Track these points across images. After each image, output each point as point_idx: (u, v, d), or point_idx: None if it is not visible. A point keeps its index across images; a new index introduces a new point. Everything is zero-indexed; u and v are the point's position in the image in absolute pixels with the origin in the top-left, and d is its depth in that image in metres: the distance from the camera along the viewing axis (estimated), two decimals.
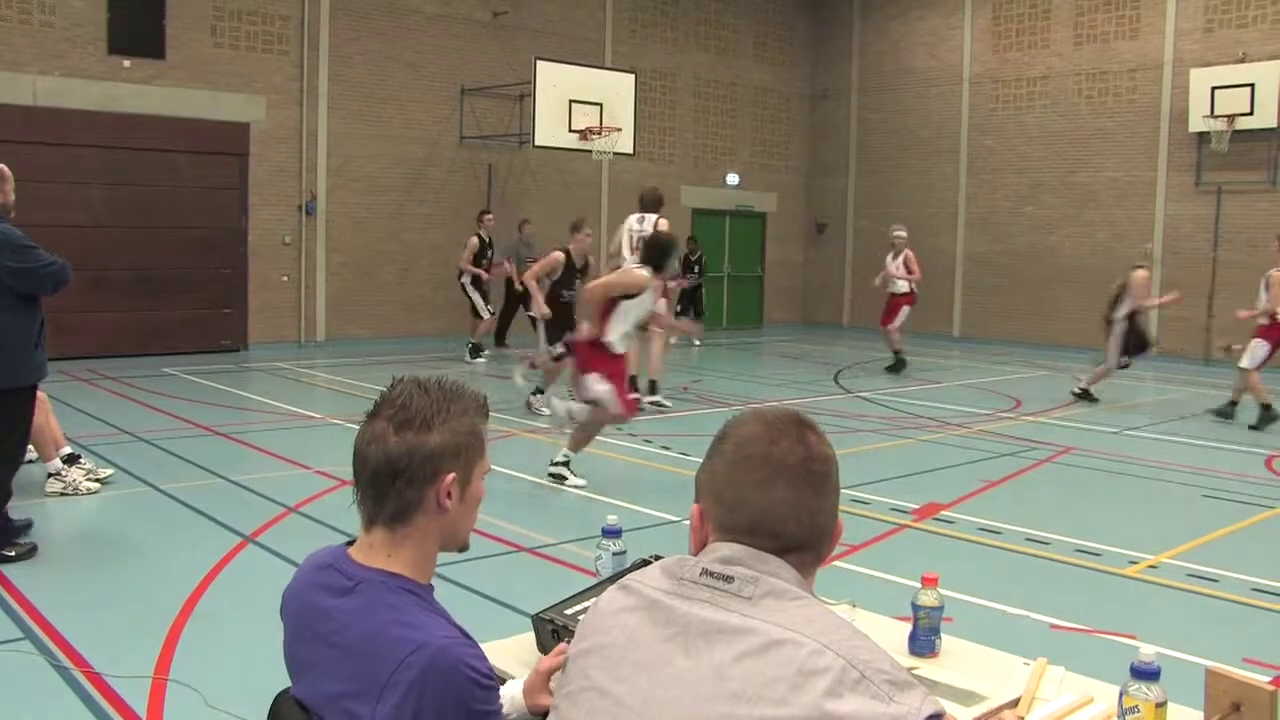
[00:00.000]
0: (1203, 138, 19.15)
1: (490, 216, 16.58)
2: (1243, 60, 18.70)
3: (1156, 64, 19.92)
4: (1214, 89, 18.74)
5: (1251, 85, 18.40)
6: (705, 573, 1.65)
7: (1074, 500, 8.64)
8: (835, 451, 1.75)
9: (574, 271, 11.94)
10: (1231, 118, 18.58)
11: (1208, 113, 18.80)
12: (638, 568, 2.38)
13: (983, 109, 22.21)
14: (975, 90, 22.33)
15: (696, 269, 19.28)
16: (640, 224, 11.95)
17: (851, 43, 24.27)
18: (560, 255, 11.73)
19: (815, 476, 1.70)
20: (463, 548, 2.11)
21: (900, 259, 16.24)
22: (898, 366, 15.98)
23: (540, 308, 11.33)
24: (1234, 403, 12.35)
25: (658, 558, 1.92)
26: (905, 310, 16.04)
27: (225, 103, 16.34)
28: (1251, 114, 18.41)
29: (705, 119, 22.86)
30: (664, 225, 11.36)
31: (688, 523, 1.81)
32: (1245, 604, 6.10)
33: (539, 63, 17.16)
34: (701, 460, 1.81)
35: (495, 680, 1.93)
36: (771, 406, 1.89)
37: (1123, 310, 13.12)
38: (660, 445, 10.13)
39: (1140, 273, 13.29)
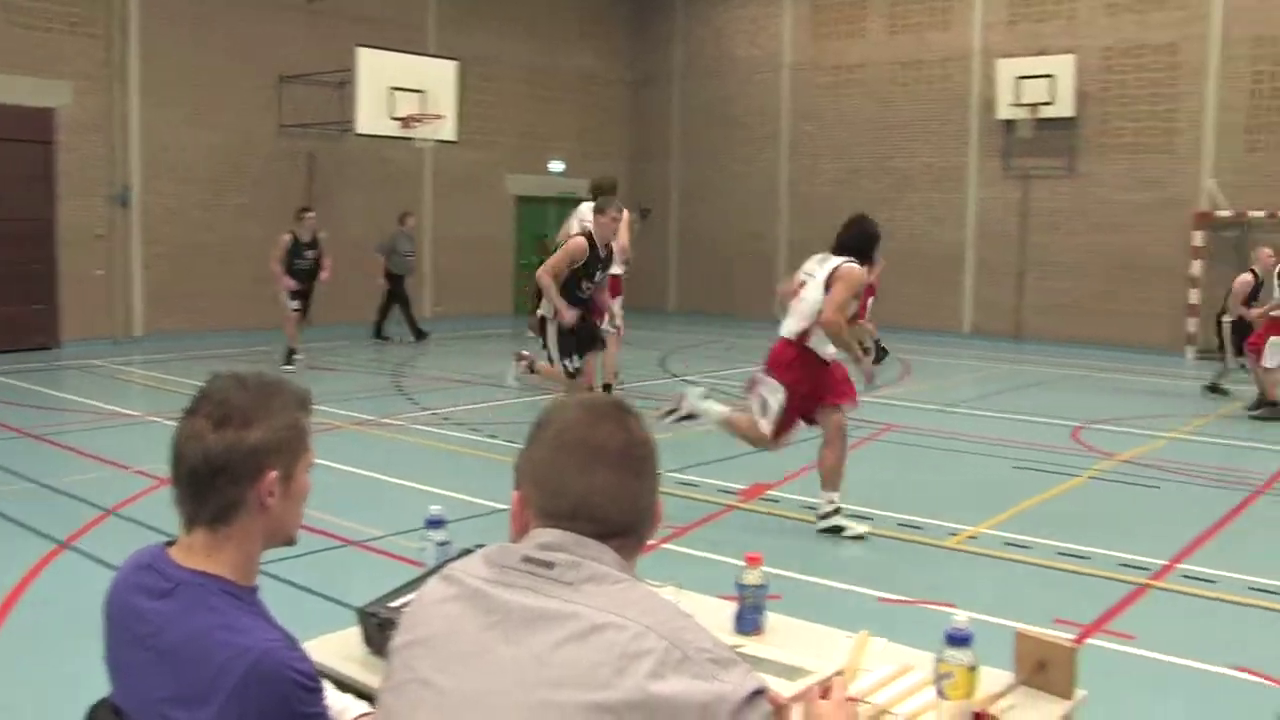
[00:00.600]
0: (1009, 125, 19.95)
1: (311, 215, 14.62)
2: (1043, 53, 19.54)
3: (966, 54, 20.66)
4: (1018, 79, 19.53)
5: (1052, 76, 19.25)
6: (526, 559, 1.64)
7: (897, 476, 8.91)
8: (656, 436, 1.78)
9: (598, 260, 9.73)
10: (1035, 106, 19.41)
11: (1013, 101, 19.61)
12: (462, 557, 2.37)
13: (803, 96, 22.68)
14: (795, 77, 22.79)
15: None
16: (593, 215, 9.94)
17: (674, 29, 24.49)
18: (583, 241, 9.57)
19: (636, 461, 1.73)
20: (289, 542, 2.07)
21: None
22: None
23: (564, 311, 9.30)
24: (1274, 402, 12.19)
25: (482, 547, 1.91)
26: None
27: (23, 86, 15.59)
28: (1052, 104, 19.28)
29: (529, 106, 22.77)
30: (626, 216, 10.74)
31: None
32: (1055, 568, 6.40)
33: (359, 49, 16.85)
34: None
35: (319, 683, 1.90)
36: (592, 394, 1.90)
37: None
38: (488, 434, 10.09)
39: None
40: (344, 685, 2.35)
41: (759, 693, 1.52)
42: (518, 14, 22.33)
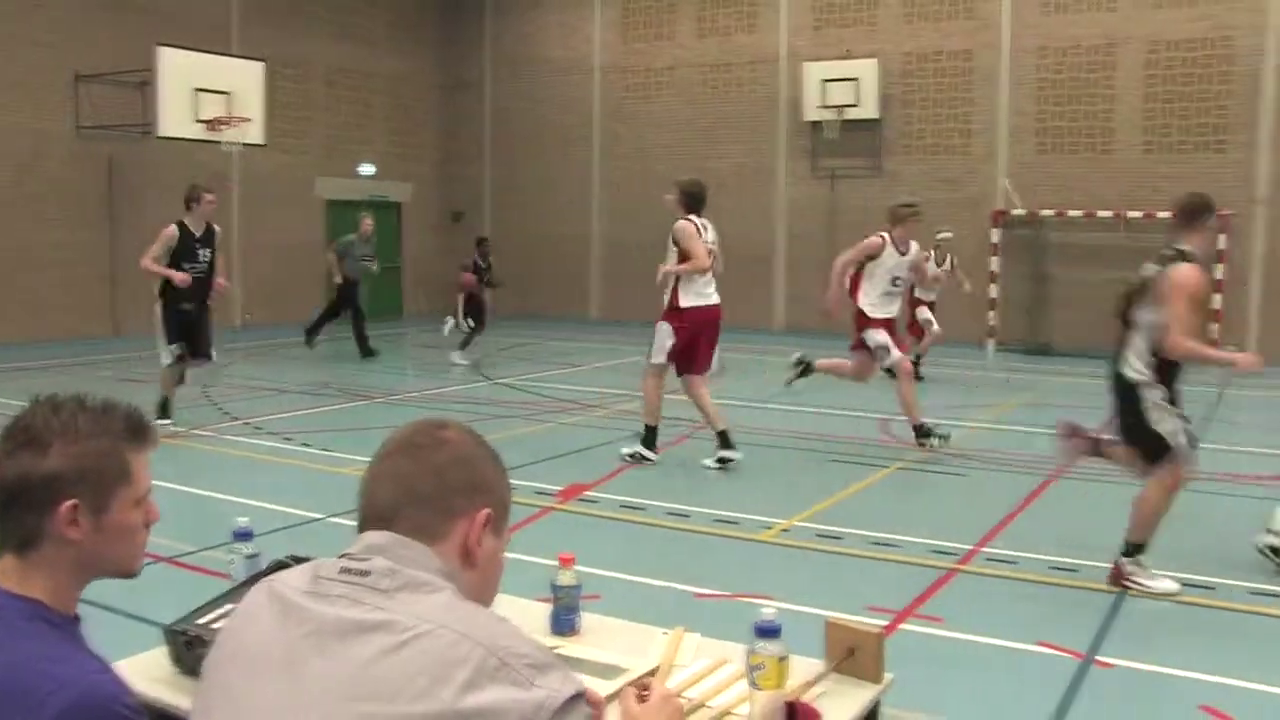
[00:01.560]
0: (816, 127, 20.47)
1: (211, 198, 10.07)
2: (847, 56, 20.11)
3: (773, 57, 21.13)
4: (824, 82, 20.06)
5: (856, 80, 19.83)
6: (344, 570, 1.62)
7: (711, 473, 9.01)
8: (476, 445, 1.81)
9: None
10: (840, 109, 19.96)
11: (820, 103, 20.13)
12: (274, 569, 2.29)
13: (614, 98, 22.83)
14: (606, 80, 22.92)
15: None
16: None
17: (484, 33, 24.34)
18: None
19: (419, 449, 1.74)
20: (124, 574, 1.94)
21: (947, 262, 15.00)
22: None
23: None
24: None
25: (296, 558, 1.85)
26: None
27: None
28: (857, 106, 19.87)
29: (339, 108, 22.34)
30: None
31: (333, 520, 1.75)
32: (867, 557, 6.56)
33: (160, 49, 16.24)
34: (343, 455, 1.77)
35: (144, 714, 1.79)
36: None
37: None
38: (301, 442, 9.83)
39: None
40: (153, 709, 2.24)
41: (578, 696, 1.52)
42: (326, 15, 21.89)
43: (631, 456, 9.03)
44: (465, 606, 1.58)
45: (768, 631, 2.28)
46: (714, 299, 8.90)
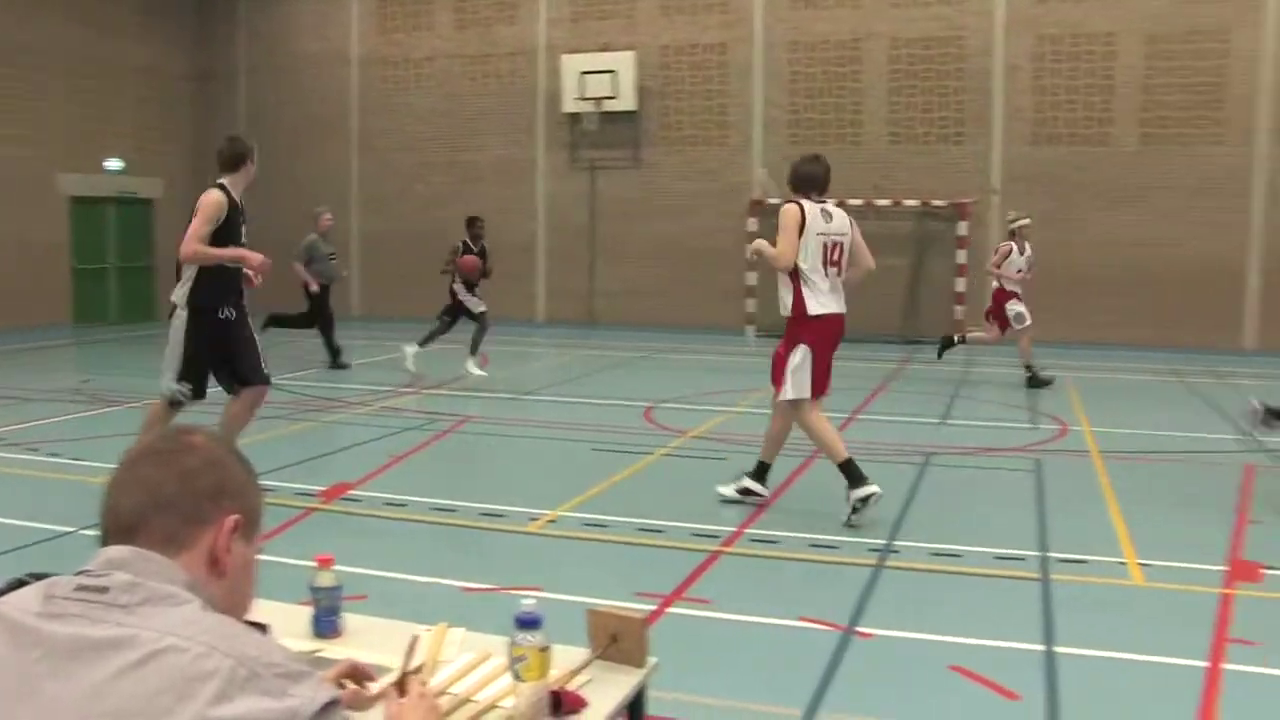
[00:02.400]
0: (575, 119, 20.58)
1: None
2: (605, 49, 20.30)
3: (532, 49, 21.13)
4: (583, 74, 20.18)
5: (614, 72, 20.03)
6: (80, 587, 1.53)
7: (477, 467, 8.95)
8: (224, 450, 1.75)
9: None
10: (599, 100, 20.12)
11: (579, 95, 20.24)
12: (12, 588, 2.14)
13: (372, 90, 22.41)
14: (364, 71, 22.48)
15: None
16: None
17: (237, 23, 23.49)
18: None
19: (165, 455, 1.67)
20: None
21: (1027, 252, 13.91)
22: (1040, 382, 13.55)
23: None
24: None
25: (35, 576, 1.74)
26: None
27: None
28: (615, 98, 20.07)
29: (83, 100, 21.13)
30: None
31: (81, 533, 1.65)
32: (635, 544, 6.63)
33: None
34: (96, 464, 1.68)
35: None
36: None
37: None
38: (49, 452, 9.28)
39: None
40: None
41: (333, 704, 1.48)
42: (67, 2, 20.67)
43: (740, 494, 7.52)
44: (213, 618, 1.52)
45: (528, 623, 2.27)
46: (836, 306, 7.29)
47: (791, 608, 5.41)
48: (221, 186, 7.38)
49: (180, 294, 7.37)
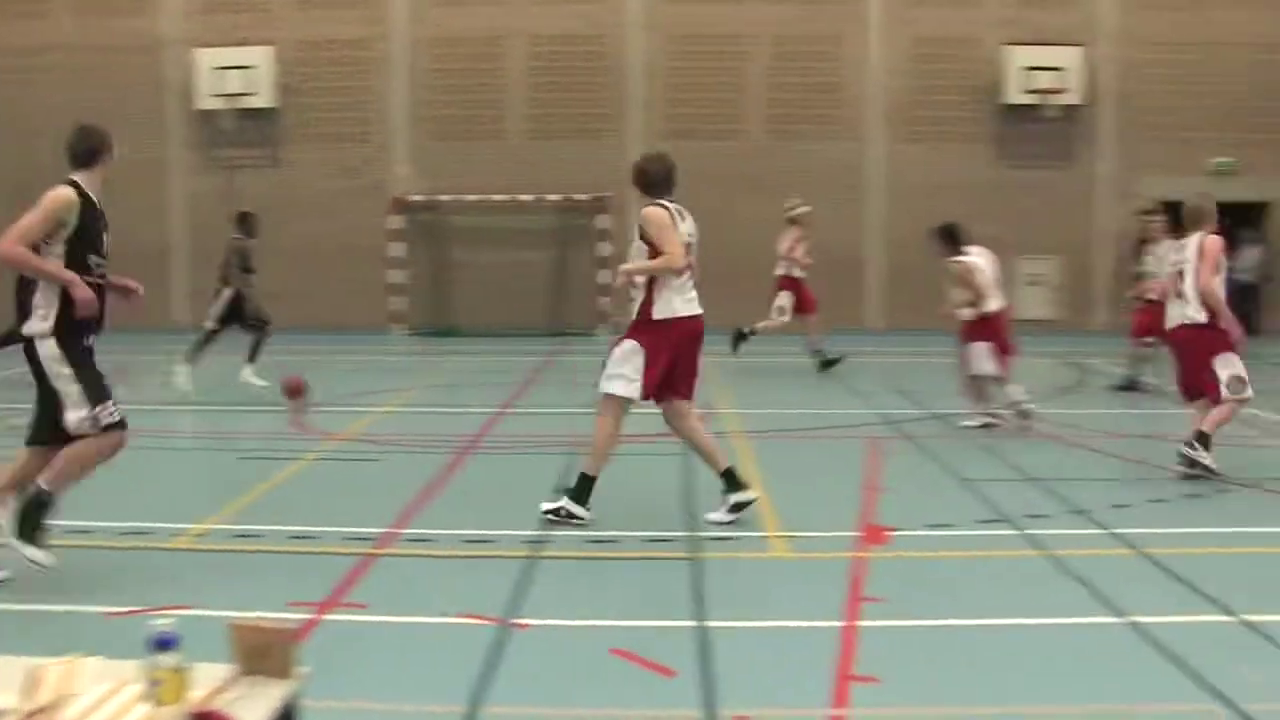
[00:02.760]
0: (211, 116, 19.71)
1: None
2: (243, 44, 19.52)
3: (162, 42, 20.05)
4: (218, 69, 19.34)
5: (252, 67, 19.32)
6: None
7: (115, 483, 8.41)
8: None
9: None
10: (236, 97, 19.36)
11: (214, 92, 19.39)
12: None
13: None
14: None
15: None
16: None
17: None
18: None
19: None
20: None
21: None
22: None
23: None
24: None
25: None
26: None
27: None
28: (253, 95, 19.36)
29: None
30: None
31: None
32: (287, 552, 6.44)
33: None
34: None
35: None
36: None
37: None
38: None
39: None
40: None
41: None
42: None
43: (556, 514, 6.92)
44: None
45: (164, 644, 2.18)
46: (697, 308, 7.11)
47: (449, 605, 5.40)
48: (74, 184, 5.82)
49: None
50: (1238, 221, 20.48)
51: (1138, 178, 20.16)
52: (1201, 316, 8.16)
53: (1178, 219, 8.97)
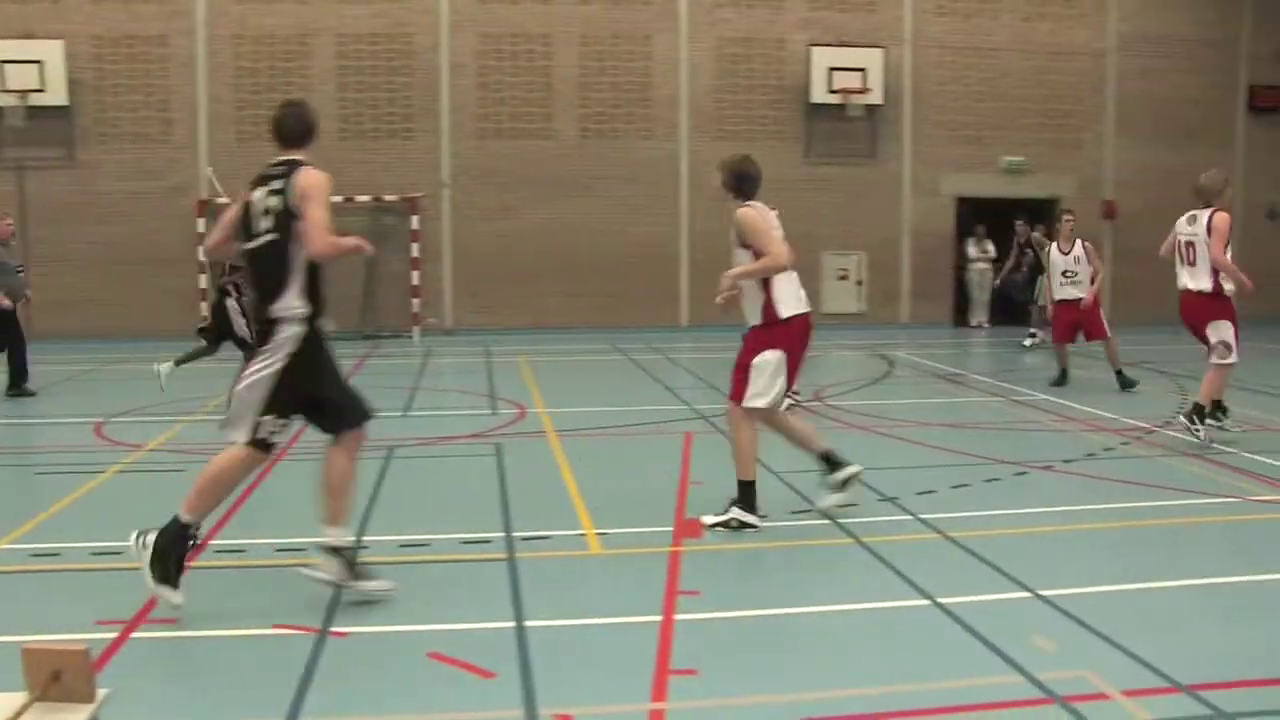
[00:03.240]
0: None
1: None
2: (29, 36, 18.64)
3: None
4: (3, 63, 18.44)
5: (41, 62, 18.46)
6: None
7: None
8: None
9: None
10: (24, 93, 18.46)
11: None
12: None
13: None
14: None
15: None
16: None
17: None
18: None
19: None
20: None
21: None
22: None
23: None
24: None
25: None
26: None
27: None
28: (44, 91, 18.49)
29: None
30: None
31: None
32: (90, 570, 6.19)
33: None
34: None
35: None
36: None
37: None
38: None
39: None
40: None
41: None
42: None
43: (726, 525, 6.80)
44: None
45: None
46: (807, 304, 7.07)
47: (264, 616, 5.29)
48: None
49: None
50: (1030, 218, 21.59)
51: (937, 175, 20.97)
52: (1207, 286, 9.15)
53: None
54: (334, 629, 5.12)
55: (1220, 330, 9.18)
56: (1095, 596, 5.55)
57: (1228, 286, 9.20)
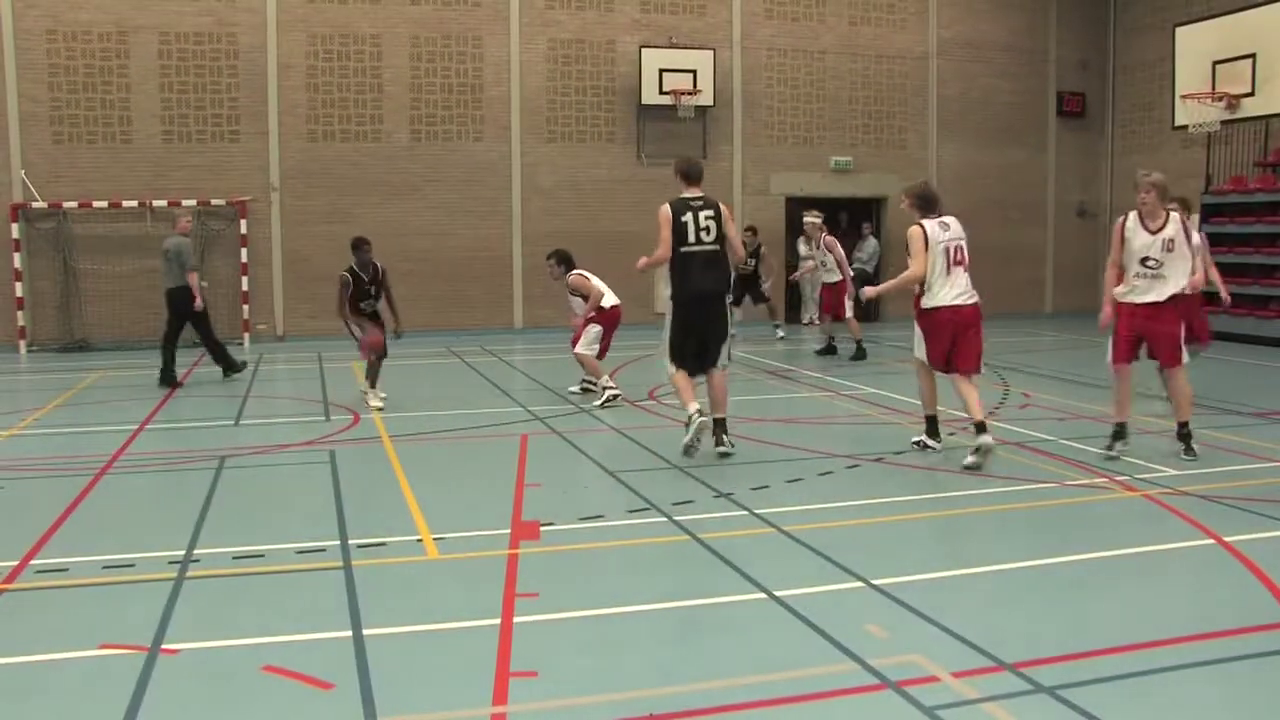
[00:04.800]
0: None
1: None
2: None
3: None
4: None
5: None
6: None
7: None
8: None
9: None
10: None
11: None
12: None
13: None
14: None
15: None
16: None
17: None
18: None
19: None
20: None
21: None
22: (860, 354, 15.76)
23: None
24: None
25: None
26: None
27: None
28: None
29: None
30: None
31: None
32: None
33: None
34: None
35: None
36: None
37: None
38: None
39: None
40: None
41: None
42: None
43: (919, 445, 9.21)
44: None
45: None
46: (963, 299, 8.72)
47: (89, 636, 5.10)
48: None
49: None
50: (857, 215, 22.18)
51: (768, 175, 21.36)
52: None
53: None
54: (164, 646, 4.97)
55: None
56: (924, 583, 5.75)
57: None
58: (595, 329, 12.15)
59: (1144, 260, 8.52)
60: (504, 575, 5.93)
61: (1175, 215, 8.66)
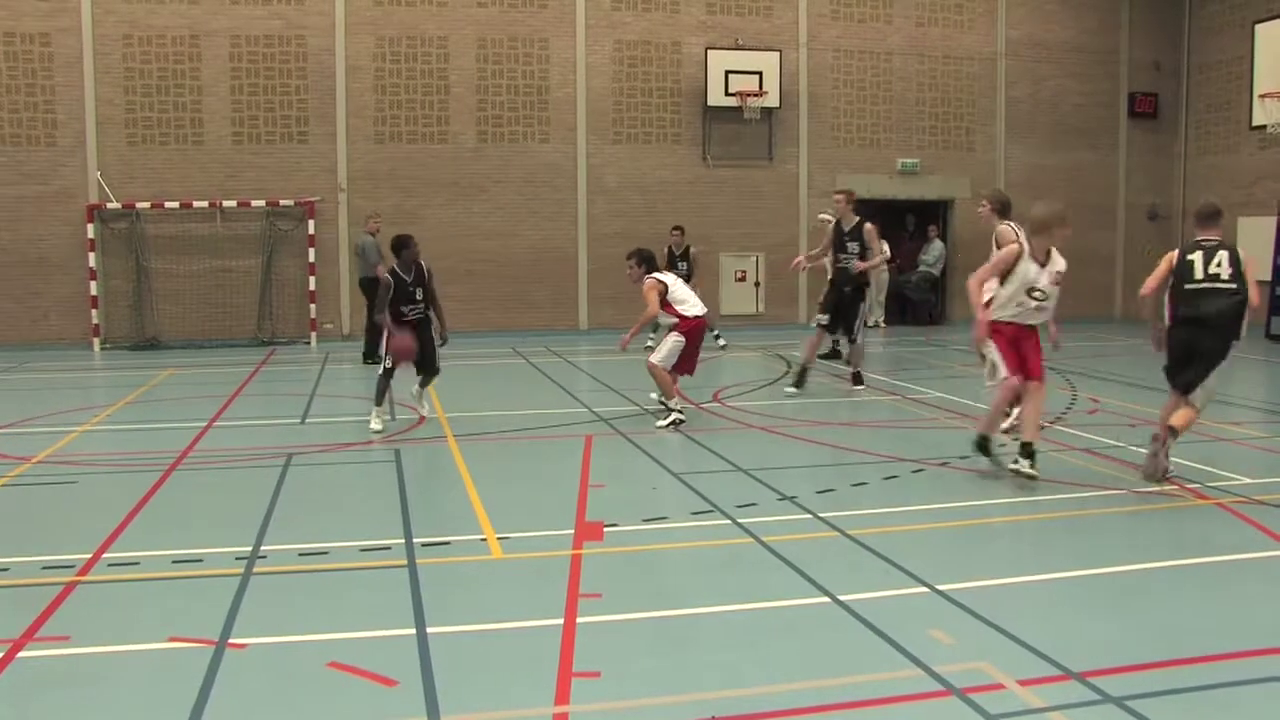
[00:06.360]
0: None
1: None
2: None
3: None
4: None
5: None
6: None
7: None
8: None
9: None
10: None
11: None
12: None
13: None
14: None
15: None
16: None
17: None
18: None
19: None
20: None
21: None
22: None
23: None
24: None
25: None
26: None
27: None
28: None
29: None
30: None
31: None
32: None
33: None
34: None
35: None
36: None
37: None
38: None
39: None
40: None
41: None
42: None
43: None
44: None
45: None
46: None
47: (160, 630, 5.18)
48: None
49: None
50: (924, 218, 21.99)
51: (834, 177, 21.23)
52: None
53: None
54: (231, 641, 5.03)
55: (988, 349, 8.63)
56: (990, 589, 5.69)
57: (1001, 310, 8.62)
58: (673, 340, 10.71)
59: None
60: (567, 575, 5.93)
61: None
